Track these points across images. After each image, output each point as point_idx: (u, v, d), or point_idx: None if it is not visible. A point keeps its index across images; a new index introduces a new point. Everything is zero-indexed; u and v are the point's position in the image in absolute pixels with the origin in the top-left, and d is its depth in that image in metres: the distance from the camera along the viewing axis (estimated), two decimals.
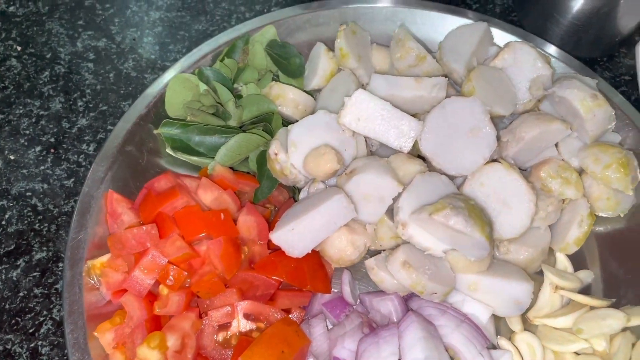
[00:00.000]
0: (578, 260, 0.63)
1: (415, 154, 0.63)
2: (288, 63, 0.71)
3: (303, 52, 0.71)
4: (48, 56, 0.76)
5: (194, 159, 0.64)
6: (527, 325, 0.59)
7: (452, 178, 0.61)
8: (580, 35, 0.75)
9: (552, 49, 0.70)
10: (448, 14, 0.72)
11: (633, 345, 0.55)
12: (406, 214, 0.56)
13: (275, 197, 0.63)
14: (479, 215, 0.54)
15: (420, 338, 0.52)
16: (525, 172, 0.64)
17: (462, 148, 0.60)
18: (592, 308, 0.57)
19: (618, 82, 0.77)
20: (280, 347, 0.50)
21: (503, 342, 0.57)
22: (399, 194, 0.57)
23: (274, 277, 0.55)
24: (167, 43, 0.78)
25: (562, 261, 0.62)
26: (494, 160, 0.60)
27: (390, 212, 0.59)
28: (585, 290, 0.61)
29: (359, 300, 0.60)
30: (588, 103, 0.61)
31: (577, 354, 0.56)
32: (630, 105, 0.66)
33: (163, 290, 0.52)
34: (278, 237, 0.55)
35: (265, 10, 0.82)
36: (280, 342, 0.50)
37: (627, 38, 0.76)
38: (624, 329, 0.56)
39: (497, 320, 0.59)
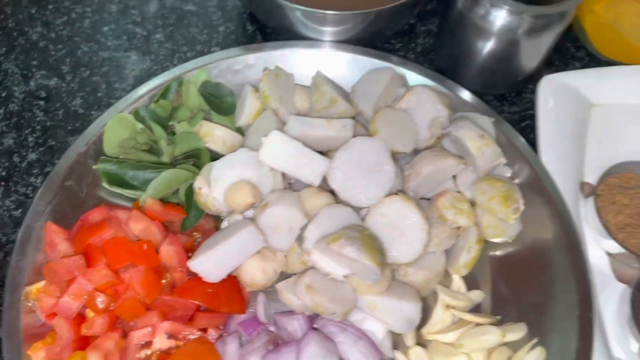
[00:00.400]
0: (473, 281, 0.70)
1: (329, 188, 0.70)
2: (220, 102, 0.78)
3: (237, 92, 0.79)
4: (3, 95, 0.83)
5: (128, 192, 0.71)
6: (422, 340, 0.66)
7: (358, 209, 0.68)
8: (487, 76, 0.83)
9: (458, 89, 0.78)
10: (366, 56, 0.80)
11: (509, 358, 0.63)
12: (310, 243, 0.64)
13: (202, 225, 0.70)
14: (372, 245, 0.62)
15: (317, 353, 0.60)
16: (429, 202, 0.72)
17: (366, 182, 0.67)
18: (478, 325, 0.65)
19: (523, 115, 0.85)
20: None
21: (398, 355, 0.65)
22: (306, 225, 0.65)
23: (191, 301, 0.62)
24: (113, 81, 0.86)
25: (457, 282, 0.70)
26: (396, 193, 0.68)
27: (301, 240, 0.66)
28: (476, 309, 0.69)
29: (273, 319, 0.67)
30: (477, 142, 0.68)
31: None
32: (524, 142, 0.74)
33: (89, 313, 0.59)
34: (195, 265, 0.62)
35: (206, 51, 0.89)
36: (191, 358, 0.58)
37: (531, 76, 0.83)
38: (503, 344, 0.64)
39: (397, 337, 0.67)
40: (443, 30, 0.84)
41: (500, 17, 0.74)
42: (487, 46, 0.78)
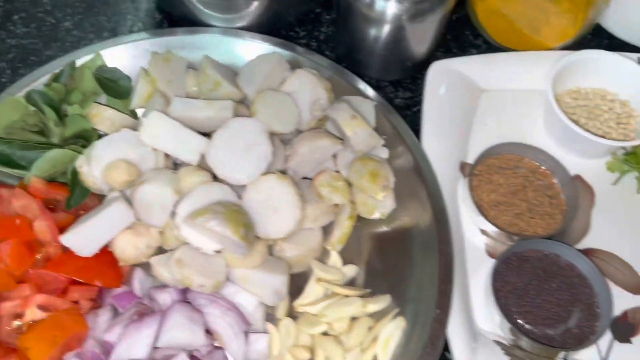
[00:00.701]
0: (350, 256, 0.73)
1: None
2: (116, 85, 0.80)
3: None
4: None
5: (17, 171, 0.73)
6: (295, 313, 0.69)
7: (236, 188, 0.71)
8: (381, 62, 0.86)
9: (346, 74, 0.80)
10: (256, 41, 0.82)
11: (370, 328, 0.65)
12: (180, 219, 0.66)
13: (87, 204, 0.72)
14: (236, 219, 0.64)
15: (180, 323, 0.62)
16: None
17: (243, 161, 0.70)
18: (346, 297, 0.68)
19: (417, 100, 0.87)
20: (53, 332, 0.60)
21: (269, 326, 0.67)
22: (177, 202, 0.67)
23: (63, 274, 0.64)
24: (18, 67, 0.88)
25: (334, 257, 0.72)
26: (272, 172, 0.70)
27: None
28: (351, 283, 0.71)
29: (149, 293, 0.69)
30: (349, 123, 0.71)
31: (326, 334, 0.66)
32: (405, 125, 0.77)
33: None
34: (66, 239, 0.64)
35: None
36: (54, 328, 0.60)
37: (426, 63, 0.85)
38: (371, 315, 0.67)
39: (271, 309, 0.69)
40: (338, 19, 0.87)
41: (384, 5, 0.77)
42: (377, 33, 0.81)
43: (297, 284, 0.70)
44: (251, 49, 0.81)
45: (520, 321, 0.64)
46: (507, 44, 0.89)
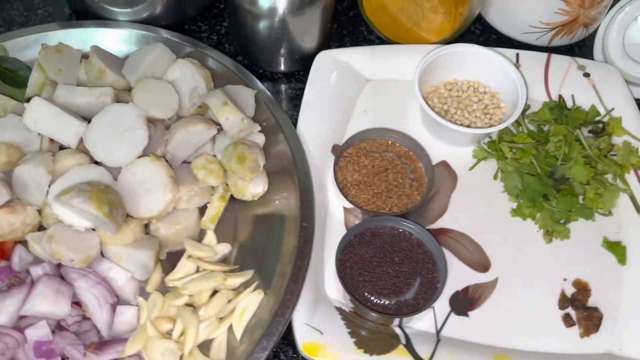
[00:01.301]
0: (226, 236, 0.77)
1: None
2: (15, 75, 0.85)
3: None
4: None
5: None
6: (168, 287, 0.73)
7: (115, 171, 0.75)
8: (272, 55, 0.90)
9: (233, 64, 0.85)
10: (154, 34, 0.86)
11: (230, 300, 0.70)
12: (51, 197, 0.70)
13: None
14: (101, 197, 0.68)
15: (45, 294, 0.66)
16: None
17: (120, 144, 0.74)
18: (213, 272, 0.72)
19: None
20: None
21: (139, 300, 0.71)
22: (54, 181, 0.72)
23: None
24: None
25: (209, 236, 0.76)
26: (148, 155, 0.74)
27: None
28: (224, 260, 0.76)
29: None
30: (220, 109, 0.76)
31: (189, 305, 0.70)
32: (283, 113, 0.82)
33: None
34: None
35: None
36: None
37: (314, 55, 0.90)
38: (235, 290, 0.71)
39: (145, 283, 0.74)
40: (230, 15, 0.91)
41: (265, 0, 0.81)
42: (263, 28, 0.86)
43: (175, 261, 0.75)
44: (142, 41, 0.86)
45: (361, 290, 0.69)
46: (395, 39, 0.94)
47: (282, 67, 0.93)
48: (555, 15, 0.89)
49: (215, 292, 0.71)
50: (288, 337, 0.70)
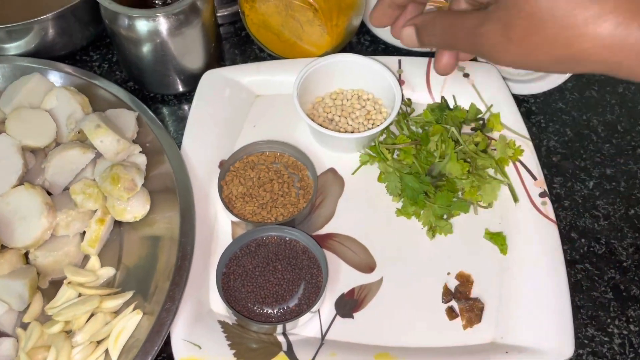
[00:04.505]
0: (112, 258, 0.76)
1: None
2: None
3: None
4: None
5: None
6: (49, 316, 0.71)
7: None
8: (160, 78, 0.91)
9: (114, 89, 0.85)
10: (35, 65, 0.87)
11: (107, 323, 0.69)
12: None
13: None
14: None
15: None
16: None
17: None
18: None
19: None
20: None
21: (18, 330, 0.70)
22: None
23: None
24: None
25: (92, 260, 0.76)
26: (22, 184, 0.74)
27: None
28: (109, 284, 0.75)
29: None
30: (93, 132, 0.76)
31: (68, 332, 0.69)
32: (165, 132, 0.82)
33: None
34: None
35: None
36: None
37: (200, 74, 0.91)
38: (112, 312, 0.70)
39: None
40: (112, 42, 0.92)
41: (140, 25, 0.82)
42: (145, 52, 0.86)
43: (59, 289, 0.73)
44: (26, 73, 0.86)
45: (244, 302, 0.69)
46: (282, 54, 0.96)
47: (171, 89, 0.94)
48: None
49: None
50: (167, 354, 0.69)
